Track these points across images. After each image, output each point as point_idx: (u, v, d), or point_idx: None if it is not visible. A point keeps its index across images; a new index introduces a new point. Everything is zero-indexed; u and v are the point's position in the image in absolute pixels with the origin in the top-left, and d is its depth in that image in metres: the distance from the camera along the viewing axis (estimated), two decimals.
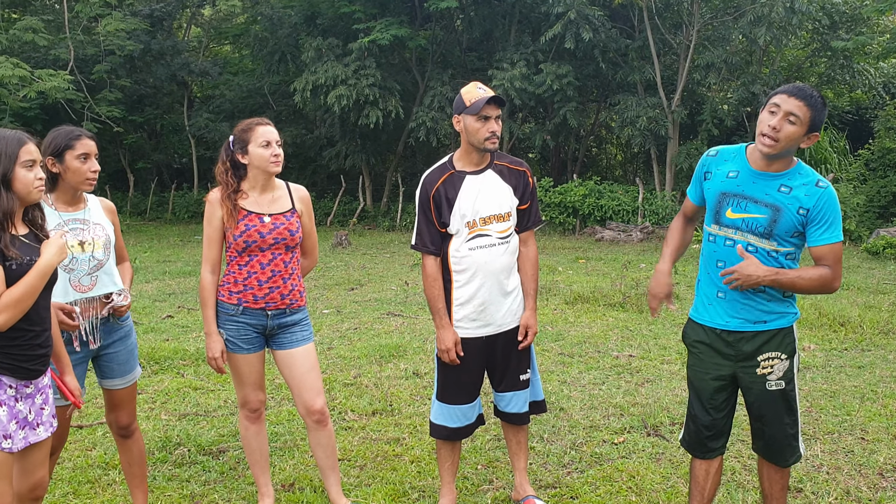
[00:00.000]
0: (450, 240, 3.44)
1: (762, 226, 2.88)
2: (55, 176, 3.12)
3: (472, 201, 3.39)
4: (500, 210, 3.43)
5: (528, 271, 3.61)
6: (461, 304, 3.44)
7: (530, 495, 3.71)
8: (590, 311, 8.25)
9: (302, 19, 20.79)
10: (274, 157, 3.37)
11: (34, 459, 2.70)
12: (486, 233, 3.41)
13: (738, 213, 2.92)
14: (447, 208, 3.39)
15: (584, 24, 16.84)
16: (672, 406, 5.10)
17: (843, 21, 17.56)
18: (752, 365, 2.97)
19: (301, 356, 3.50)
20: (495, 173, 3.47)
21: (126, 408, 3.42)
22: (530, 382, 3.65)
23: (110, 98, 21.11)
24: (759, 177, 2.91)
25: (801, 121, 2.76)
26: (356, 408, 5.15)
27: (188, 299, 9.58)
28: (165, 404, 5.28)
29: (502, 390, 3.59)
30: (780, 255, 2.91)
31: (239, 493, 3.86)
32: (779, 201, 2.86)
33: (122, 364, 3.33)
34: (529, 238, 3.62)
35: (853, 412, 4.93)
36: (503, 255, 3.44)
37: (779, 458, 3.09)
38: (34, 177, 2.54)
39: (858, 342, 6.70)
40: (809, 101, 2.75)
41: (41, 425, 2.68)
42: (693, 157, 17.45)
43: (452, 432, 3.52)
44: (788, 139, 2.77)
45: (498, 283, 3.44)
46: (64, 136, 3.11)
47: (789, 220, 2.85)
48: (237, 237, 3.35)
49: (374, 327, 7.72)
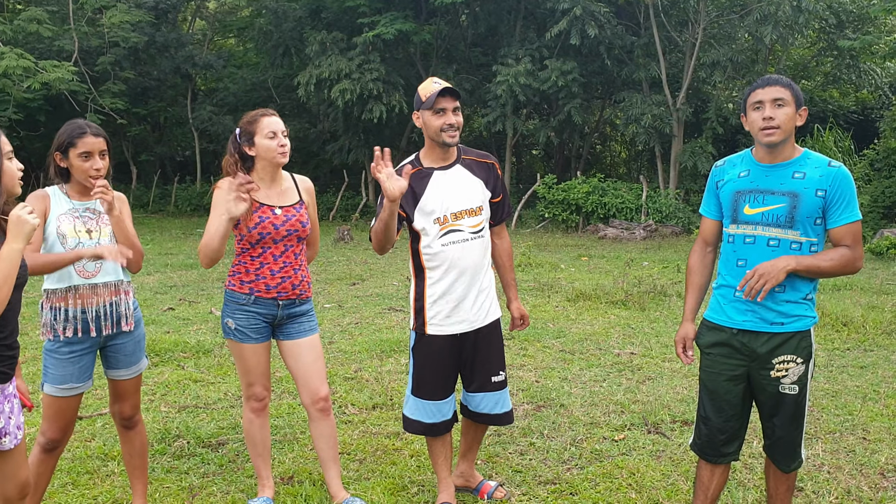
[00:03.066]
0: (419, 238, 3.41)
1: (783, 215, 2.85)
2: (64, 170, 3.17)
3: (441, 197, 3.37)
4: (472, 204, 3.41)
5: (506, 263, 3.67)
6: (434, 300, 3.41)
7: (484, 479, 3.79)
8: (592, 309, 8.23)
9: (306, 13, 20.79)
10: (281, 147, 3.36)
11: (7, 465, 2.57)
12: (458, 228, 3.38)
13: (757, 207, 2.90)
14: (412, 204, 3.37)
15: (589, 21, 16.81)
16: (673, 404, 5.08)
17: (849, 20, 17.53)
18: (767, 367, 2.94)
19: (308, 346, 3.50)
20: (464, 168, 3.45)
21: (131, 399, 3.41)
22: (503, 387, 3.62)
23: (114, 90, 21.13)
24: (771, 169, 2.91)
25: (787, 100, 2.85)
26: (356, 402, 5.14)
27: (189, 292, 9.57)
28: (165, 396, 5.27)
29: (473, 390, 3.55)
30: (804, 245, 2.87)
31: (238, 485, 3.84)
32: (795, 187, 2.86)
33: (128, 355, 3.32)
34: (503, 230, 3.66)
35: (855, 412, 4.91)
36: (476, 250, 3.42)
37: (781, 462, 3.07)
38: (16, 166, 2.45)
39: (861, 342, 6.68)
40: (782, 82, 2.87)
41: (7, 435, 2.51)
42: (698, 155, 17.43)
43: (427, 428, 3.51)
44: (787, 121, 2.84)
45: (472, 279, 3.41)
46: (69, 133, 3.12)
47: (810, 204, 2.84)
48: (251, 229, 3.34)
49: (376, 322, 7.71)
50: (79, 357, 3.16)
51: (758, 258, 2.90)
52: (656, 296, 8.73)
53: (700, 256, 3.22)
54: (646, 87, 18.58)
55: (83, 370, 3.19)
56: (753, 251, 2.91)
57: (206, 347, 6.47)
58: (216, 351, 6.43)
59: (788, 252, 2.88)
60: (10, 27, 18.65)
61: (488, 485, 3.76)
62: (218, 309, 8.27)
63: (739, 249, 2.95)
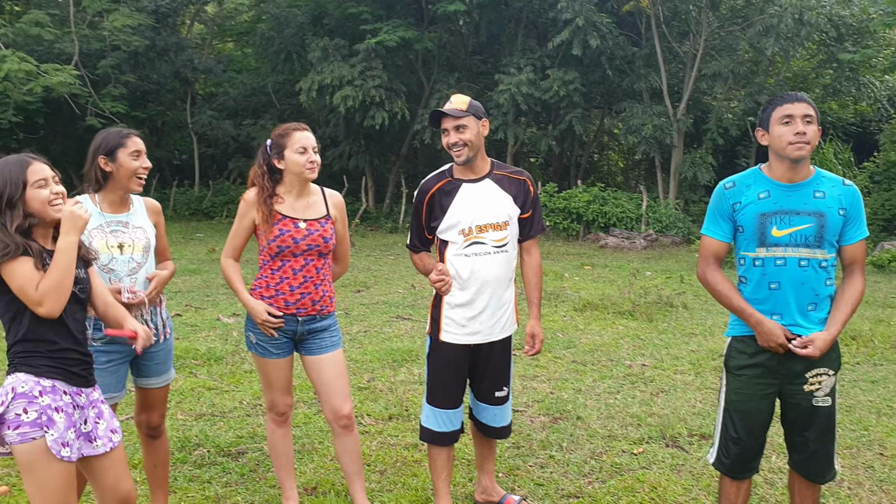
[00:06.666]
0: (447, 246, 3.45)
1: (812, 235, 2.88)
2: (106, 175, 3.17)
3: (467, 209, 3.40)
4: (497, 219, 3.43)
5: (532, 280, 3.63)
6: (452, 308, 3.44)
7: (507, 493, 3.79)
8: (599, 319, 8.25)
9: (308, 19, 20.80)
10: (310, 163, 3.37)
11: (106, 475, 2.68)
12: (481, 241, 3.40)
13: (785, 228, 2.90)
14: (440, 214, 3.41)
15: (591, 31, 16.88)
16: (689, 417, 5.09)
17: (849, 33, 17.64)
18: (801, 381, 2.95)
19: (330, 362, 3.49)
20: (494, 182, 3.48)
21: (158, 408, 3.41)
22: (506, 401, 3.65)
23: (115, 93, 21.07)
24: (792, 189, 2.93)
25: (814, 118, 2.88)
26: (372, 412, 5.13)
27: (195, 297, 9.55)
28: (181, 404, 5.25)
29: (477, 400, 3.65)
30: (829, 262, 2.92)
31: (262, 495, 3.84)
32: (820, 207, 2.89)
33: (160, 364, 3.33)
34: (533, 246, 3.63)
35: (870, 427, 4.93)
36: (499, 264, 3.44)
37: (817, 474, 3.08)
38: (49, 192, 2.57)
39: (870, 356, 6.71)
40: (809, 100, 2.91)
41: (98, 439, 2.66)
42: (697, 165, 17.49)
43: (437, 436, 3.54)
44: (814, 137, 2.88)
45: (493, 293, 3.44)
46: (116, 136, 3.19)
47: (835, 223, 2.88)
48: (271, 241, 3.33)
49: (384, 330, 7.70)
50: (116, 367, 3.16)
51: (789, 279, 2.91)
52: (663, 307, 8.75)
53: (719, 273, 3.05)
54: (646, 97, 18.64)
55: (119, 380, 3.20)
56: (785, 273, 2.92)
57: (218, 355, 6.46)
58: (228, 359, 6.41)
59: (818, 271, 2.91)
60: (12, 30, 18.60)
61: (511, 499, 3.76)
62: (225, 315, 8.25)
63: (770, 272, 2.93)
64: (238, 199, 3.52)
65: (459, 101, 3.40)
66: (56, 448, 2.46)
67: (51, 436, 2.46)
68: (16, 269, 2.45)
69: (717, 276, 3.05)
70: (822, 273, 2.91)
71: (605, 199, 17.96)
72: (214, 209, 23.03)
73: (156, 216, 3.42)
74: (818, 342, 2.85)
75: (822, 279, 2.92)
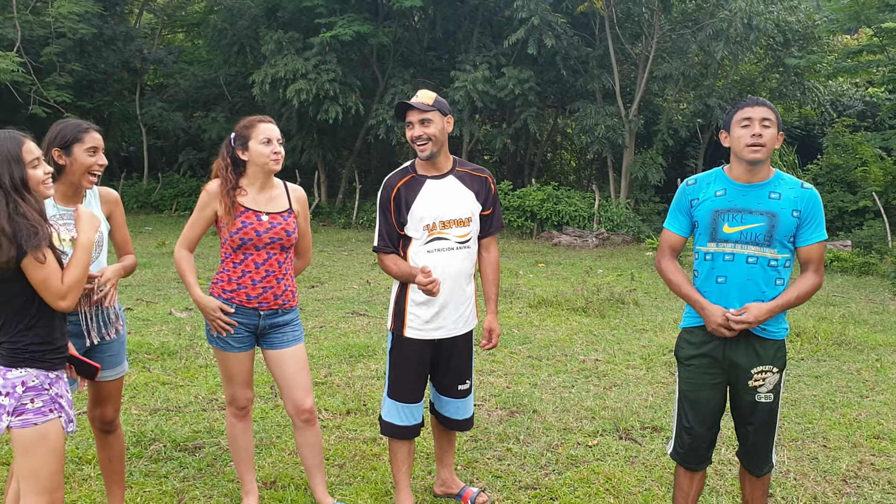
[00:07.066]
0: (409, 242, 3.48)
1: (762, 234, 2.98)
2: (59, 168, 3.06)
3: (432, 205, 3.44)
4: (461, 215, 3.48)
5: (490, 276, 3.68)
6: (417, 304, 3.48)
7: (465, 486, 3.85)
8: (554, 315, 8.36)
9: (262, 11, 20.54)
10: (274, 154, 3.36)
11: None
12: (444, 236, 3.45)
13: (736, 226, 3.01)
14: (405, 210, 3.44)
15: (546, 31, 17.02)
16: (641, 410, 5.20)
17: (795, 39, 18.12)
18: (746, 377, 3.06)
19: (292, 356, 3.49)
20: (457, 179, 3.53)
21: (112, 402, 3.36)
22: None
23: (60, 82, 20.52)
24: (748, 189, 3.04)
25: (773, 122, 2.99)
26: (329, 406, 5.13)
27: (146, 291, 9.40)
28: (134, 398, 5.18)
29: (440, 394, 3.69)
30: (779, 262, 3.01)
31: (220, 489, 3.81)
32: (773, 207, 2.99)
33: (113, 356, 3.28)
34: (491, 243, 3.69)
35: (814, 420, 5.10)
36: (462, 259, 3.49)
37: (753, 467, 3.21)
38: (42, 172, 2.56)
39: (814, 352, 6.93)
40: (769, 105, 3.03)
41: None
42: (648, 165, 17.78)
43: (399, 430, 3.57)
44: (771, 141, 2.98)
45: (456, 287, 3.49)
46: (73, 129, 3.09)
47: (787, 224, 2.98)
48: (234, 234, 3.32)
49: (340, 326, 7.69)
50: None
51: (737, 275, 3.02)
52: (615, 303, 8.90)
53: (673, 263, 3.22)
54: (599, 97, 18.88)
55: None
56: (733, 268, 3.03)
57: (171, 349, 6.37)
58: (181, 353, 6.33)
59: (766, 269, 3.01)
60: None
61: (470, 490, 3.81)
62: (178, 310, 8.14)
63: (718, 267, 3.05)
64: (187, 191, 3.50)
65: (426, 96, 3.43)
66: (66, 427, 2.63)
67: (61, 419, 2.61)
68: (42, 260, 2.46)
69: (670, 265, 3.21)
70: (770, 272, 3.01)
71: (558, 197, 18.15)
72: (164, 202, 22.62)
73: (111, 206, 3.33)
74: (752, 310, 2.96)
75: (771, 278, 3.02)
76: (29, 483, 2.56)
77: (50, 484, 2.56)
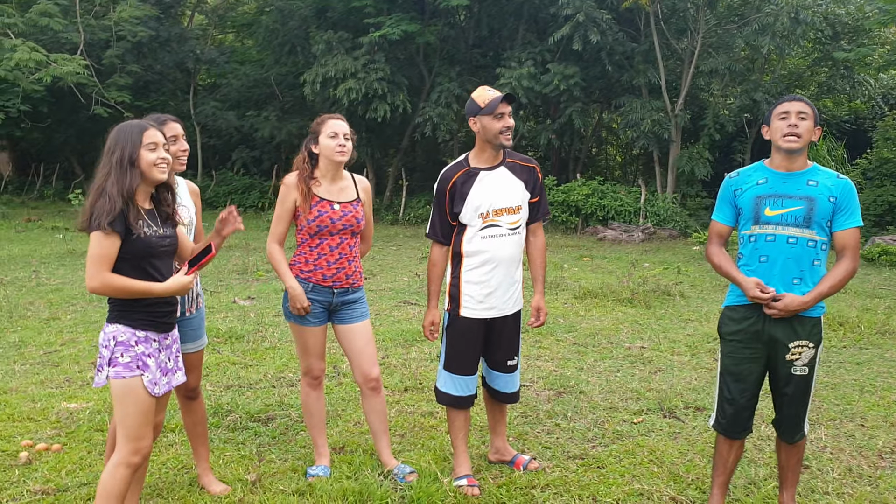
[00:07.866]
0: (464, 229, 3.79)
1: (801, 216, 3.26)
2: None
3: (486, 195, 3.74)
4: (512, 203, 3.78)
5: (537, 259, 4.01)
6: (470, 284, 3.79)
7: (517, 453, 4.15)
8: (599, 306, 8.60)
9: (312, 12, 21.05)
10: (340, 146, 3.72)
11: (162, 403, 3.21)
12: (497, 223, 3.76)
13: (777, 209, 3.30)
14: (460, 201, 3.75)
15: (591, 27, 17.18)
16: (685, 392, 5.44)
17: (844, 32, 17.95)
18: (784, 351, 3.32)
19: (360, 330, 3.86)
20: (507, 170, 3.83)
21: (195, 371, 3.74)
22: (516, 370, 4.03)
23: (120, 83, 21.34)
24: (788, 177, 3.32)
25: (809, 115, 3.28)
26: (389, 385, 5.48)
27: (208, 282, 9.88)
28: (208, 376, 5.59)
29: (490, 368, 4.01)
30: (818, 244, 3.28)
31: (294, 454, 4.19)
32: (811, 193, 3.27)
33: (195, 329, 3.66)
34: (538, 229, 4.01)
35: (853, 402, 5.29)
36: (512, 245, 3.80)
37: (788, 434, 3.47)
38: (156, 157, 2.91)
39: (857, 341, 7.07)
40: (806, 101, 3.32)
41: (179, 371, 3.14)
42: (695, 160, 17.81)
43: (455, 400, 3.89)
44: (807, 132, 3.27)
45: (506, 271, 3.80)
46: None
47: (824, 208, 3.25)
48: (311, 221, 3.69)
49: (394, 314, 8.05)
50: None
51: (778, 254, 3.29)
52: (661, 295, 9.10)
53: (719, 248, 3.53)
54: (645, 92, 18.96)
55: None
56: (774, 248, 3.30)
57: (238, 334, 6.80)
58: (248, 337, 6.75)
59: (806, 248, 3.27)
60: (22, 20, 18.85)
61: (522, 458, 4.12)
62: (241, 298, 8.58)
63: (761, 247, 3.33)
64: (241, 188, 3.87)
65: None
66: (151, 387, 2.91)
67: (146, 377, 2.90)
68: (102, 241, 2.79)
69: (716, 250, 3.53)
70: (809, 251, 3.28)
71: (603, 192, 18.28)
72: (218, 199, 23.30)
73: (195, 197, 3.73)
74: (787, 300, 3.24)
75: (810, 257, 3.28)
76: (120, 429, 2.92)
77: (135, 433, 2.90)
